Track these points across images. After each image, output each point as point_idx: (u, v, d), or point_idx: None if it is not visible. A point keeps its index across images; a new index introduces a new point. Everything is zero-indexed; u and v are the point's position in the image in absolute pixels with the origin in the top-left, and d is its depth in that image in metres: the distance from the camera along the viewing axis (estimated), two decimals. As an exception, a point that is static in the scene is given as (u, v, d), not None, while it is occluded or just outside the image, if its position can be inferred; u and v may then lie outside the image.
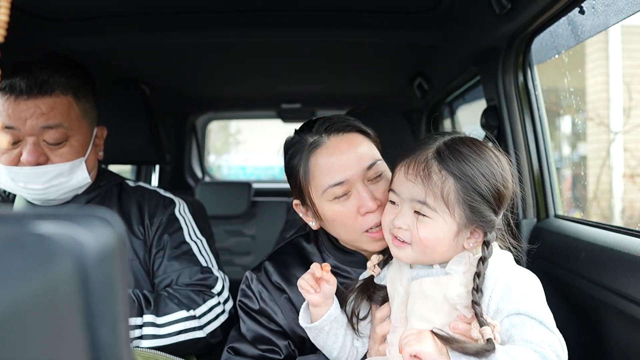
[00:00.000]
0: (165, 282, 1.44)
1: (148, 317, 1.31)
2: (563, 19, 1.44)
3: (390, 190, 1.03)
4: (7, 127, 1.29)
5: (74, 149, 1.37)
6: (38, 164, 1.32)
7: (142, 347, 1.30)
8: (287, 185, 1.29)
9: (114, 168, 2.33)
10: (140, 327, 1.30)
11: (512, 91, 1.72)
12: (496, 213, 0.98)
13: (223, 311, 1.44)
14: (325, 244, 1.27)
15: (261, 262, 1.31)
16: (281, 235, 2.35)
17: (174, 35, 1.83)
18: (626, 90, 6.43)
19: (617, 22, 1.35)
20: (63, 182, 1.37)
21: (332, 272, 1.08)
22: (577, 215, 6.05)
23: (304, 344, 1.20)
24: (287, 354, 1.22)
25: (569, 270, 1.40)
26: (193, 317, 1.36)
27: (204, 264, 1.48)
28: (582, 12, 1.34)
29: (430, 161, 0.98)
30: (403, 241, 0.99)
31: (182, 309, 1.35)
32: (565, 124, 6.82)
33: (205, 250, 1.53)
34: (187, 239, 1.50)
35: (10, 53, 1.59)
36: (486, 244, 0.97)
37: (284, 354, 1.22)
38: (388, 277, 1.08)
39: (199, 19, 1.70)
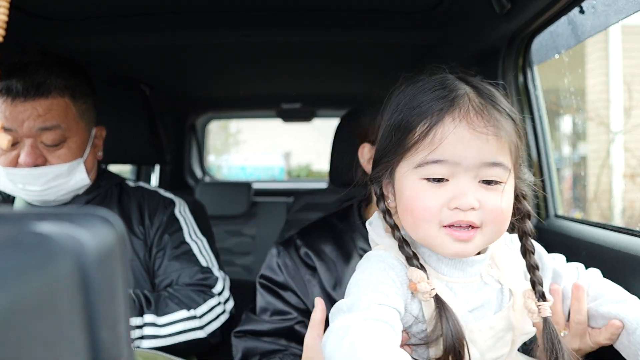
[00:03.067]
0: (166, 282, 1.44)
1: (149, 318, 1.31)
2: (563, 19, 1.44)
3: (432, 162, 0.76)
4: (5, 129, 1.29)
5: (72, 150, 1.37)
6: (36, 166, 1.32)
7: (143, 348, 1.30)
8: (287, 186, 1.28)
9: (113, 168, 2.32)
10: (140, 327, 1.30)
11: (512, 91, 1.72)
12: None
13: (224, 311, 1.44)
14: (357, 226, 1.23)
15: (290, 236, 1.29)
16: (281, 236, 2.35)
17: (174, 35, 1.83)
18: (626, 90, 6.43)
19: (617, 22, 1.35)
20: (61, 183, 1.37)
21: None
22: (578, 215, 6.05)
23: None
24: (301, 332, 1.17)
25: (569, 270, 1.40)
26: (194, 317, 1.36)
27: (204, 264, 1.48)
28: (582, 12, 1.34)
29: (486, 104, 0.77)
30: (471, 227, 0.76)
31: (183, 309, 1.35)
32: (565, 124, 6.82)
33: (206, 250, 1.53)
34: (188, 239, 1.50)
35: (9, 53, 1.59)
36: (528, 214, 0.86)
37: (299, 329, 1.18)
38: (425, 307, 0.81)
39: (199, 19, 1.70)
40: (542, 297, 0.82)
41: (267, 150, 11.41)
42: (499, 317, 0.83)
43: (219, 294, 1.45)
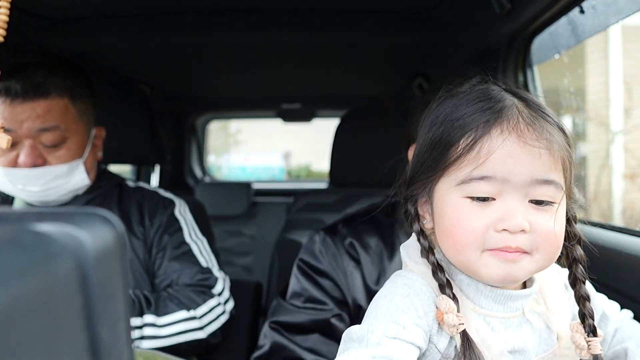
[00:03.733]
0: (166, 283, 1.44)
1: (148, 318, 1.31)
2: (563, 19, 1.44)
3: (477, 179, 0.68)
4: (4, 130, 1.29)
5: (71, 150, 1.37)
6: (35, 166, 1.32)
7: (143, 348, 1.30)
8: (287, 186, 1.28)
9: (113, 168, 2.32)
10: (140, 327, 1.30)
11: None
12: None
13: (224, 311, 1.44)
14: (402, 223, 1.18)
15: (334, 223, 1.24)
16: (281, 236, 2.34)
17: (174, 35, 1.83)
18: (626, 90, 6.43)
19: (617, 22, 1.35)
20: (61, 184, 1.37)
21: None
22: (577, 215, 6.04)
23: (358, 315, 1.11)
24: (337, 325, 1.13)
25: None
26: (193, 318, 1.36)
27: (204, 265, 1.48)
28: (582, 12, 1.34)
29: (537, 116, 0.70)
30: (521, 251, 0.68)
31: (183, 310, 1.35)
32: (565, 124, 6.82)
33: (206, 250, 1.53)
34: (188, 239, 1.50)
35: (9, 53, 1.59)
36: (579, 239, 0.78)
37: (336, 322, 1.14)
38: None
39: (199, 19, 1.70)
40: (592, 332, 0.74)
41: (267, 150, 11.41)
42: (542, 359, 0.74)
43: (219, 294, 1.45)
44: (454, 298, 0.70)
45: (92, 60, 2.02)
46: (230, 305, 1.48)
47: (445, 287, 0.71)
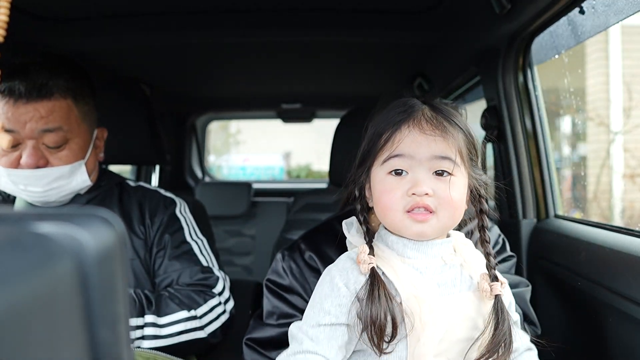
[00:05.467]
0: (166, 282, 1.44)
1: (149, 318, 1.31)
2: (563, 19, 1.44)
3: (393, 157, 0.95)
4: (7, 130, 1.29)
5: (73, 151, 1.37)
6: (38, 167, 1.32)
7: (143, 348, 1.30)
8: (287, 186, 1.29)
9: (114, 168, 2.32)
10: (141, 327, 1.30)
11: (512, 91, 1.72)
12: None
13: (224, 311, 1.44)
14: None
15: (295, 241, 1.32)
16: (281, 236, 2.34)
17: (174, 35, 1.83)
18: (626, 90, 6.43)
19: (617, 22, 1.35)
20: (63, 184, 1.37)
21: None
22: (577, 215, 6.05)
23: None
24: None
25: (569, 270, 1.40)
26: (194, 318, 1.36)
27: (205, 264, 1.48)
28: (582, 12, 1.34)
29: (437, 116, 0.96)
30: (429, 211, 0.92)
31: (183, 309, 1.35)
32: (565, 124, 6.82)
33: (206, 250, 1.53)
34: (188, 238, 1.50)
35: (10, 53, 1.59)
36: (484, 211, 0.99)
37: None
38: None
39: (199, 19, 1.70)
40: (495, 279, 0.96)
41: (267, 150, 11.41)
42: (466, 297, 0.95)
43: (220, 294, 1.45)
44: (371, 249, 0.96)
45: (93, 60, 2.02)
46: (231, 304, 1.48)
47: (368, 242, 0.97)
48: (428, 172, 0.93)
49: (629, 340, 1.16)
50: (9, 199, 1.52)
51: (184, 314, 1.35)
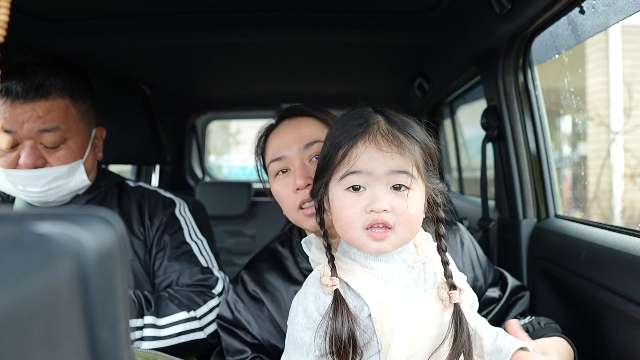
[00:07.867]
0: (166, 283, 1.44)
1: (149, 319, 1.31)
2: (563, 19, 1.44)
3: (350, 173, 0.94)
4: (5, 131, 1.29)
5: (71, 151, 1.37)
6: (36, 167, 1.32)
7: (143, 349, 1.30)
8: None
9: (114, 168, 2.32)
10: (141, 328, 1.30)
11: (512, 91, 1.72)
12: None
13: (223, 311, 1.44)
14: (299, 246, 1.28)
15: (238, 272, 1.34)
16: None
17: (174, 35, 1.83)
18: (626, 90, 6.43)
19: (617, 22, 1.35)
20: (61, 184, 1.37)
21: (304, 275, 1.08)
22: (578, 215, 6.05)
23: (278, 354, 1.18)
24: None
25: (569, 270, 1.40)
26: (194, 319, 1.36)
27: (205, 265, 1.48)
28: (582, 12, 1.34)
29: (393, 130, 0.95)
30: (387, 228, 0.92)
31: (183, 310, 1.35)
32: (565, 124, 6.82)
33: (206, 250, 1.53)
34: (188, 239, 1.50)
35: (9, 53, 1.59)
36: (440, 219, 1.00)
37: None
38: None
39: (199, 19, 1.70)
40: (452, 287, 0.96)
41: (267, 150, 11.36)
42: (431, 295, 0.96)
43: (219, 294, 1.44)
44: (333, 268, 0.95)
45: (92, 61, 2.02)
46: (231, 305, 1.48)
47: (330, 261, 0.97)
48: (386, 188, 0.92)
49: (629, 340, 1.16)
50: (8, 200, 1.52)
51: (183, 314, 1.34)
